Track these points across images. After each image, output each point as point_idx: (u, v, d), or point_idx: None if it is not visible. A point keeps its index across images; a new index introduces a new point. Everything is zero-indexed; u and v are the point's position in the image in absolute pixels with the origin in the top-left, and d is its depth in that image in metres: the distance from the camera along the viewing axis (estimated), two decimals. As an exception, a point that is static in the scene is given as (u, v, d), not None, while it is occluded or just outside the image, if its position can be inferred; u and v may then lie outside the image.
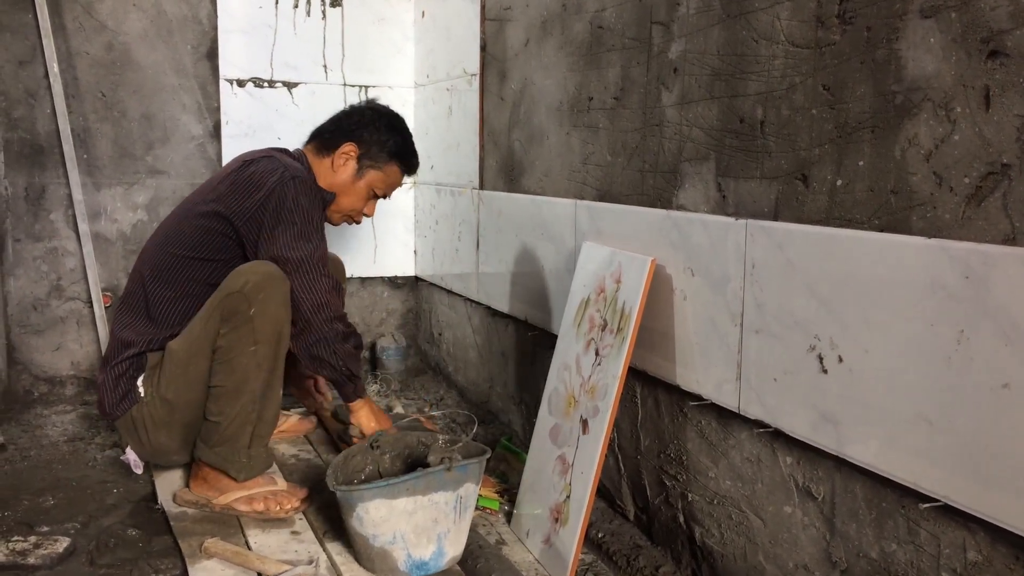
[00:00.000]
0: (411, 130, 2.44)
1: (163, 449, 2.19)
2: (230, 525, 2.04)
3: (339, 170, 2.31)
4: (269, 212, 2.08)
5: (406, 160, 2.39)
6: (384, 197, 2.42)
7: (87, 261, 3.13)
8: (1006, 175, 1.13)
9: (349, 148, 2.30)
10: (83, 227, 3.10)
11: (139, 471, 2.27)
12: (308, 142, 2.40)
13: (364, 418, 2.20)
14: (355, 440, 2.21)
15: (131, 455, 2.27)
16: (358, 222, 2.45)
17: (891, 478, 1.30)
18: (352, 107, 2.42)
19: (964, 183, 1.18)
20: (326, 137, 2.33)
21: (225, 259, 2.14)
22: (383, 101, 2.47)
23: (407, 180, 3.51)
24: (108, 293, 3.19)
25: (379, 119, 2.35)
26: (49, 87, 3.03)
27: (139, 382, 2.12)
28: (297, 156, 2.31)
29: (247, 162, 2.18)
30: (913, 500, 1.28)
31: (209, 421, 2.08)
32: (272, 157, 2.18)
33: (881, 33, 1.31)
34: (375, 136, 2.32)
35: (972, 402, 1.16)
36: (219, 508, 2.09)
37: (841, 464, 1.42)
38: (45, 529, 2.04)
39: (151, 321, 2.15)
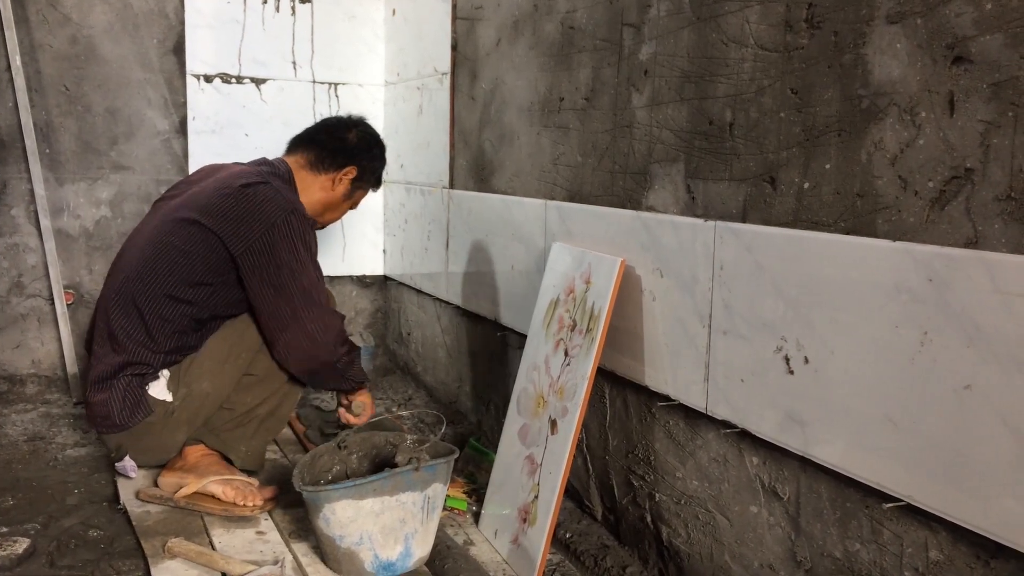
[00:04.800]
0: (381, 128, 2.47)
1: (171, 447, 2.20)
2: (194, 525, 2.01)
3: (336, 189, 2.38)
4: (274, 249, 2.09)
5: (381, 180, 2.56)
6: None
7: (49, 258, 3.07)
8: (969, 179, 1.14)
9: (351, 171, 2.38)
10: (45, 223, 3.05)
11: (135, 475, 2.24)
12: (296, 150, 2.38)
13: (368, 399, 2.38)
14: (343, 419, 2.36)
15: (128, 462, 2.23)
16: (327, 227, 2.57)
17: (855, 478, 1.32)
18: (344, 122, 2.45)
19: (928, 187, 1.20)
20: (326, 154, 2.36)
21: (220, 283, 2.13)
22: (353, 99, 2.48)
23: (388, 162, 3.54)
24: (70, 290, 3.13)
25: (375, 146, 2.46)
26: (11, 80, 2.97)
27: (151, 391, 2.12)
28: (283, 173, 2.30)
29: (244, 185, 2.13)
30: (877, 500, 1.30)
31: (224, 408, 2.21)
32: (269, 184, 2.16)
33: (848, 38, 1.32)
34: (372, 163, 2.43)
35: (935, 403, 1.18)
36: (184, 501, 2.06)
37: (806, 464, 1.43)
38: (4, 530, 2.00)
39: (153, 341, 2.12)
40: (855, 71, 1.31)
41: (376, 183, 2.50)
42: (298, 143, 2.41)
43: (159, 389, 2.12)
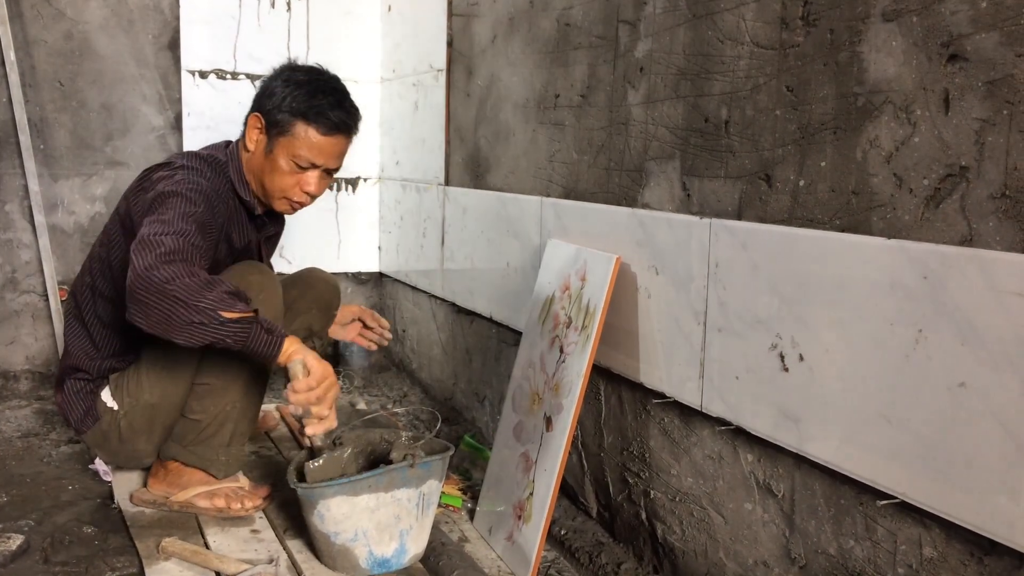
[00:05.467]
0: (377, 125, 2.34)
1: (137, 455, 2.13)
2: (188, 524, 2.01)
3: (253, 149, 2.02)
4: (144, 206, 1.89)
5: (314, 113, 1.96)
6: (323, 169, 2.03)
7: (43, 254, 3.06)
8: (964, 177, 1.14)
9: (252, 121, 2.01)
10: (39, 219, 3.04)
11: (109, 479, 2.23)
12: None
13: (312, 362, 1.74)
14: (291, 406, 1.77)
15: (100, 464, 2.23)
16: (300, 202, 2.07)
17: (850, 475, 1.32)
18: None
19: (923, 185, 1.20)
20: (244, 121, 2.08)
21: None
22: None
23: (372, 176, 3.50)
24: (64, 287, 3.12)
25: (275, 78, 2.01)
26: (5, 76, 2.96)
27: (103, 396, 2.07)
28: (221, 159, 2.07)
29: (156, 166, 2.04)
30: (871, 497, 1.30)
31: (188, 419, 2.03)
32: (179, 163, 2.00)
33: (844, 36, 1.32)
34: (274, 99, 1.97)
35: (929, 401, 1.18)
36: (177, 506, 2.05)
37: (801, 461, 1.43)
38: (-3, 527, 2.00)
39: (94, 346, 2.08)
40: (851, 69, 1.31)
41: (297, 116, 1.95)
42: None
43: (107, 396, 2.07)
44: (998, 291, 1.09)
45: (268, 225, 2.23)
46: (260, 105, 2.01)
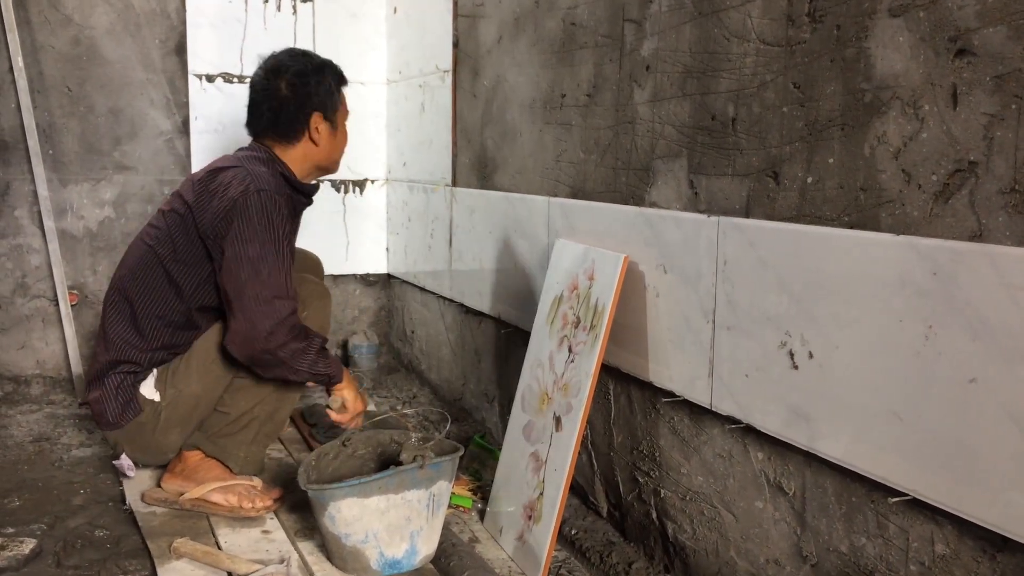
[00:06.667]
0: (384, 127, 2.38)
1: (166, 448, 2.18)
2: (200, 525, 2.02)
3: (320, 141, 2.22)
4: (233, 228, 2.00)
5: (344, 80, 2.30)
6: None
7: (53, 259, 3.08)
8: (973, 172, 1.14)
9: (317, 117, 2.20)
10: (48, 224, 3.06)
11: (132, 475, 2.24)
12: (261, 138, 2.23)
13: (349, 395, 2.14)
14: (330, 415, 2.16)
15: (125, 460, 2.24)
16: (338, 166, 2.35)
17: (861, 473, 1.31)
18: (270, 87, 2.20)
19: (932, 180, 1.20)
20: (283, 127, 2.19)
21: (196, 266, 2.08)
22: (355, 97, 2.38)
23: (379, 178, 3.52)
24: (74, 291, 3.14)
25: (312, 74, 2.21)
26: (13, 81, 2.97)
27: (142, 390, 2.10)
28: (265, 157, 2.19)
29: (216, 169, 2.11)
30: (882, 494, 1.30)
31: (218, 411, 2.15)
32: (240, 167, 2.10)
33: (851, 32, 1.32)
34: (321, 90, 2.21)
35: (940, 397, 1.18)
36: (189, 504, 2.07)
37: (812, 459, 1.43)
38: (10, 531, 2.00)
39: (142, 338, 2.11)
40: (857, 65, 1.31)
41: (338, 89, 2.26)
42: (255, 133, 2.24)
43: (148, 388, 2.11)
44: (1009, 286, 1.08)
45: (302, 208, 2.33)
46: (313, 105, 2.19)
